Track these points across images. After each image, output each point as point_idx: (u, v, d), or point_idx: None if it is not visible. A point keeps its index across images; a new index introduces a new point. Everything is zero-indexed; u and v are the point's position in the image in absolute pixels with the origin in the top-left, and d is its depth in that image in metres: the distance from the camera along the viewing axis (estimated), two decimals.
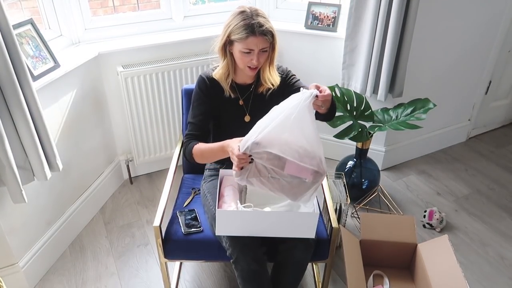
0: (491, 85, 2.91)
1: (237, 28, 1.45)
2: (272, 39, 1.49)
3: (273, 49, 1.54)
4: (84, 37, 2.25)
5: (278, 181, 1.33)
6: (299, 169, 1.30)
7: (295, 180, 1.33)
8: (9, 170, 1.49)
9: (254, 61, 1.49)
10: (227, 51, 1.53)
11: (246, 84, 1.64)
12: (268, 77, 1.60)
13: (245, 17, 1.45)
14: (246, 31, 1.43)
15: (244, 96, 1.64)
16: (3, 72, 1.41)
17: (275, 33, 1.50)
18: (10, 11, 1.96)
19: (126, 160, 2.53)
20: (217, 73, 1.59)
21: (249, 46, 1.46)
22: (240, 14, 1.46)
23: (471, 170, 2.73)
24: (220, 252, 1.53)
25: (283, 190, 1.35)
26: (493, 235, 2.19)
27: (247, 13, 1.46)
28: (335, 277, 1.93)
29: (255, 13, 1.46)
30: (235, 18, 1.47)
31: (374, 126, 2.18)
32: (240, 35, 1.44)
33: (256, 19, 1.44)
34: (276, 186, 1.35)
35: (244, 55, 1.49)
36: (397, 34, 2.12)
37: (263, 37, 1.45)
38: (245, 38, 1.44)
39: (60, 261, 2.03)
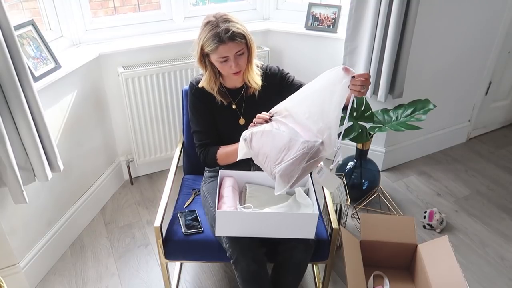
0: (491, 86, 2.91)
1: (207, 40, 1.44)
2: (244, 40, 1.46)
3: (249, 49, 1.51)
4: (84, 38, 2.26)
5: (279, 134, 1.30)
6: (310, 134, 1.28)
7: (290, 136, 1.28)
8: (10, 170, 1.49)
9: (233, 67, 1.48)
10: (206, 62, 1.53)
11: (236, 88, 1.64)
12: (253, 78, 1.59)
13: (212, 27, 1.43)
14: (214, 41, 1.42)
15: (236, 99, 1.64)
16: (5, 73, 1.41)
17: (247, 34, 1.48)
18: (11, 12, 1.96)
19: (127, 161, 2.53)
20: (203, 84, 1.59)
21: (222, 55, 1.45)
22: (207, 25, 1.45)
23: (471, 171, 2.74)
24: (220, 252, 1.53)
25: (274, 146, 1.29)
26: (493, 235, 2.19)
27: (213, 22, 1.44)
28: (335, 278, 1.93)
29: (220, 20, 1.44)
30: (203, 30, 1.46)
31: (374, 127, 2.18)
32: (210, 46, 1.43)
33: (222, 26, 1.42)
34: (269, 140, 1.31)
35: (223, 64, 1.48)
36: (397, 35, 2.12)
37: (233, 42, 1.43)
38: (216, 48, 1.43)
39: (60, 262, 2.04)
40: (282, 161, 1.27)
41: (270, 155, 1.31)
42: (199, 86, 1.61)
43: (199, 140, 1.66)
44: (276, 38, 2.59)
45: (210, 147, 1.64)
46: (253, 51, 1.52)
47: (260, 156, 1.35)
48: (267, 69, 1.66)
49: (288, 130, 1.31)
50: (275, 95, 1.60)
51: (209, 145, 1.65)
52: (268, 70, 1.66)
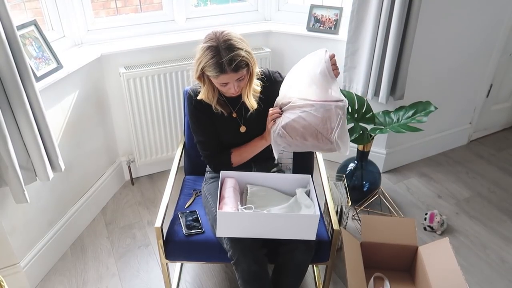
0: (492, 88, 2.91)
1: (208, 66, 1.40)
2: (247, 67, 1.43)
3: (251, 73, 1.48)
4: (86, 38, 2.26)
5: (309, 114, 1.41)
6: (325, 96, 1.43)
7: (322, 109, 1.41)
8: (11, 170, 1.49)
9: (232, 91, 1.47)
10: (205, 78, 1.50)
11: (235, 97, 1.60)
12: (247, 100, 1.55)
13: (214, 54, 1.37)
14: (216, 70, 1.39)
15: (236, 108, 1.64)
16: (7, 73, 1.41)
17: (250, 60, 1.43)
18: (13, 12, 1.97)
19: (128, 161, 2.54)
20: (202, 96, 1.56)
21: (222, 81, 1.44)
22: (209, 50, 1.39)
23: (472, 173, 2.73)
24: (221, 253, 1.54)
25: (316, 123, 1.41)
26: (493, 238, 2.19)
27: (215, 47, 1.38)
28: (336, 279, 1.93)
29: (223, 47, 1.37)
30: (205, 54, 1.40)
31: (375, 128, 2.18)
32: (211, 73, 1.41)
33: (226, 55, 1.36)
34: (308, 122, 1.41)
35: (222, 86, 1.48)
36: (399, 37, 2.12)
37: (234, 73, 1.40)
38: (217, 76, 1.41)
39: (61, 262, 2.04)
40: (333, 129, 1.42)
41: (321, 131, 1.42)
42: (198, 98, 1.57)
43: (205, 150, 1.66)
44: (277, 39, 2.59)
45: (219, 154, 1.65)
46: (254, 74, 1.50)
47: (309, 139, 1.43)
48: (269, 73, 1.65)
49: (311, 107, 1.42)
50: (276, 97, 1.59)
51: (217, 153, 1.65)
52: (271, 74, 1.64)
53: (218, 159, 1.66)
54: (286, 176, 1.62)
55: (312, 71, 1.44)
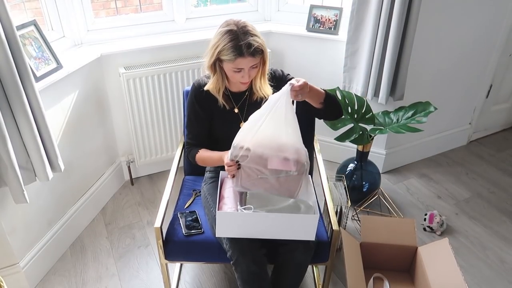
0: (492, 88, 2.91)
1: (226, 50, 1.42)
2: (261, 55, 1.47)
3: (264, 63, 1.52)
4: (86, 38, 2.26)
5: (267, 180, 1.37)
6: (279, 162, 1.35)
7: (282, 174, 1.36)
8: (11, 170, 1.49)
9: (245, 78, 1.49)
10: (217, 66, 1.52)
11: (240, 92, 1.64)
12: (260, 88, 1.59)
13: (233, 37, 1.41)
14: (234, 53, 1.41)
15: (238, 104, 1.64)
16: (6, 73, 1.41)
17: (266, 49, 1.48)
18: (13, 12, 1.97)
19: (127, 161, 2.53)
20: (209, 87, 1.59)
21: (238, 66, 1.45)
22: (227, 34, 1.42)
23: (471, 174, 2.73)
24: (220, 253, 1.54)
25: (276, 188, 1.39)
26: (493, 238, 2.19)
27: (234, 31, 1.41)
28: (335, 280, 1.93)
29: (242, 32, 1.42)
30: (223, 38, 1.43)
31: (375, 129, 2.19)
32: (228, 56, 1.43)
33: (245, 39, 1.40)
34: (268, 186, 1.38)
35: (235, 73, 1.49)
36: (398, 37, 2.12)
37: (252, 57, 1.43)
38: (234, 59, 1.43)
39: (60, 262, 2.04)
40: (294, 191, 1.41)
41: (282, 194, 1.42)
42: (204, 88, 1.60)
43: (189, 138, 1.70)
44: (277, 39, 2.59)
45: (194, 148, 1.67)
46: (267, 64, 1.53)
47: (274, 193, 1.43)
48: (272, 72, 1.65)
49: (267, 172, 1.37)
50: None
51: (194, 146, 1.67)
52: (273, 73, 1.65)
53: (189, 150, 1.68)
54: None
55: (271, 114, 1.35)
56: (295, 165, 1.35)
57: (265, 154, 1.34)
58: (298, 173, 1.37)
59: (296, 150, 1.35)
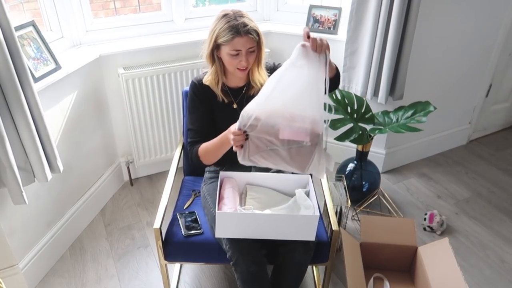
0: (491, 88, 2.91)
1: (223, 31, 1.46)
2: (258, 38, 1.49)
3: (260, 48, 1.54)
4: (85, 39, 2.26)
5: (278, 152, 1.31)
6: (293, 132, 1.27)
7: (294, 146, 1.29)
8: (9, 171, 1.49)
9: (243, 62, 1.49)
10: (215, 56, 1.54)
11: (238, 87, 1.64)
12: (258, 78, 1.60)
13: (229, 19, 1.46)
14: (231, 32, 1.44)
15: (237, 99, 1.64)
16: (5, 74, 1.41)
17: (261, 32, 1.51)
18: (12, 13, 1.96)
19: (127, 162, 2.53)
20: (207, 79, 1.59)
21: (236, 47, 1.46)
22: (224, 17, 1.47)
23: (471, 173, 2.73)
24: (220, 254, 1.53)
25: (286, 161, 1.32)
26: (493, 238, 2.18)
27: (231, 15, 1.47)
28: (336, 280, 1.93)
29: (238, 14, 1.47)
30: (219, 21, 1.48)
31: (374, 128, 2.18)
32: (226, 37, 1.45)
33: (240, 20, 1.45)
34: (278, 159, 1.32)
35: (233, 58, 1.49)
36: (398, 37, 2.12)
37: (248, 36, 1.45)
38: (231, 39, 1.45)
39: (60, 263, 2.03)
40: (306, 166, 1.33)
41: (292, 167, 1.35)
42: (203, 82, 1.61)
43: (191, 137, 1.66)
44: (276, 39, 2.59)
45: (196, 145, 1.62)
46: (263, 50, 1.55)
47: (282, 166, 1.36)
48: (272, 64, 1.67)
49: (278, 143, 1.30)
50: None
51: (197, 143, 1.63)
52: (274, 64, 1.67)
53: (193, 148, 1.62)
54: (286, 177, 1.62)
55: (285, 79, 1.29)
56: (309, 135, 1.27)
57: (277, 123, 1.26)
58: (311, 143, 1.27)
59: (312, 120, 1.26)
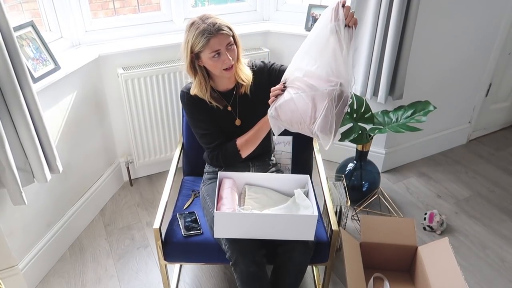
0: (491, 87, 2.90)
1: (196, 39, 1.45)
2: (231, 32, 1.49)
3: (236, 44, 1.53)
4: (84, 39, 2.25)
5: (300, 98, 1.33)
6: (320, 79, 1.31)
7: (312, 93, 1.30)
8: (9, 172, 1.49)
9: (226, 60, 1.47)
10: (196, 67, 1.53)
11: (229, 90, 1.63)
12: (241, 75, 1.58)
13: (198, 25, 1.45)
14: (204, 36, 1.43)
15: (230, 101, 1.63)
16: (4, 74, 1.41)
17: (232, 27, 1.50)
18: (11, 13, 1.96)
19: (126, 162, 2.53)
20: (193, 91, 1.57)
21: (214, 48, 1.45)
22: (192, 26, 1.47)
23: (471, 173, 2.73)
24: (219, 254, 1.53)
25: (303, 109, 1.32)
26: (493, 237, 2.18)
27: (197, 21, 1.46)
28: (335, 280, 1.93)
29: (204, 18, 1.47)
30: (189, 31, 1.48)
31: (374, 128, 2.18)
32: (201, 43, 1.44)
33: (208, 21, 1.45)
34: (296, 106, 1.34)
35: (215, 60, 1.47)
36: (397, 36, 2.12)
37: (221, 33, 1.44)
38: (207, 42, 1.43)
39: (59, 263, 2.03)
40: (316, 119, 1.32)
41: (304, 120, 1.34)
42: (190, 93, 1.59)
43: (210, 142, 1.62)
44: (276, 39, 2.59)
45: (225, 144, 1.62)
46: (239, 45, 1.54)
47: (295, 125, 1.38)
48: (253, 66, 1.64)
49: (305, 88, 1.33)
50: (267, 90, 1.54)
51: (223, 143, 1.63)
52: (254, 67, 1.63)
53: (225, 149, 1.62)
54: (285, 177, 1.62)
55: (319, 41, 1.35)
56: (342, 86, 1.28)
57: (316, 86, 1.30)
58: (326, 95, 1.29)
59: (348, 76, 1.29)
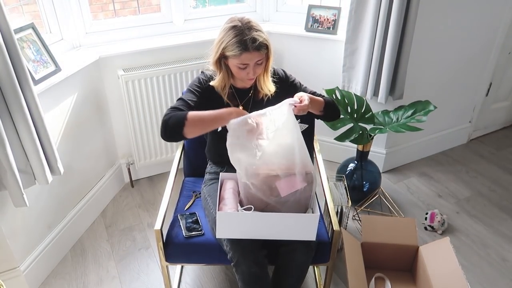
0: (491, 87, 2.91)
1: (231, 45, 1.43)
2: (266, 50, 1.48)
3: (268, 59, 1.53)
4: (85, 41, 2.26)
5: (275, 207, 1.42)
6: (291, 183, 1.39)
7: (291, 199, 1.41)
8: (10, 173, 1.49)
9: (251, 74, 1.49)
10: (222, 64, 1.53)
11: (245, 89, 1.64)
12: (263, 85, 1.60)
13: (238, 33, 1.42)
14: (239, 48, 1.41)
15: (243, 101, 1.64)
16: (5, 76, 1.41)
17: (270, 44, 1.48)
18: (11, 15, 1.96)
19: (127, 164, 2.53)
20: (215, 84, 1.58)
21: (244, 61, 1.45)
22: (232, 29, 1.43)
23: (472, 172, 2.73)
24: (221, 255, 1.53)
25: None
26: (494, 237, 2.18)
27: (239, 27, 1.43)
28: (337, 280, 1.93)
29: (246, 27, 1.43)
30: (228, 34, 1.44)
31: (374, 128, 2.18)
32: (234, 52, 1.43)
33: (249, 34, 1.41)
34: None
35: (240, 70, 1.48)
36: (397, 36, 2.12)
37: (257, 52, 1.43)
38: (239, 54, 1.43)
39: (61, 265, 2.03)
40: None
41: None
42: (210, 84, 1.59)
43: (178, 105, 1.50)
44: (276, 40, 2.59)
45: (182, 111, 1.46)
46: (271, 59, 1.54)
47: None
48: (274, 73, 1.65)
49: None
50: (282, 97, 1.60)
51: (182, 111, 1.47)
52: (275, 75, 1.65)
53: (177, 111, 1.45)
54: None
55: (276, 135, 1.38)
56: (305, 179, 1.40)
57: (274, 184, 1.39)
58: (307, 184, 1.40)
59: (302, 166, 1.39)
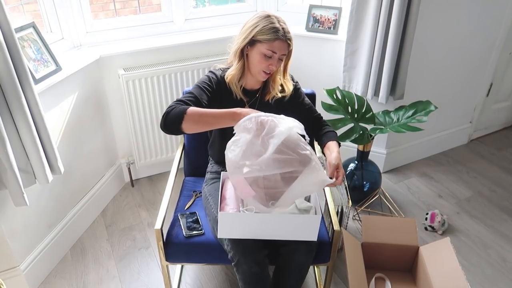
0: (492, 87, 2.90)
1: (266, 30, 1.47)
2: (291, 47, 1.53)
3: (289, 57, 1.57)
4: (85, 40, 2.26)
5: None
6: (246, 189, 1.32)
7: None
8: (10, 173, 1.49)
9: (273, 66, 1.51)
10: (244, 54, 1.54)
11: (253, 90, 1.64)
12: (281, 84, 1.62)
13: (272, 21, 1.48)
14: (275, 34, 1.46)
15: (250, 101, 1.64)
16: (5, 75, 1.41)
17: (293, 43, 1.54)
18: (12, 14, 1.96)
19: (127, 163, 2.53)
20: (229, 74, 1.58)
21: (274, 49, 1.48)
22: (267, 18, 1.49)
23: (472, 173, 2.73)
24: (221, 255, 1.53)
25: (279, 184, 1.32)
26: (495, 237, 2.18)
27: (273, 18, 1.49)
28: (337, 280, 1.93)
29: (281, 20, 1.51)
30: (262, 20, 1.49)
31: (375, 128, 2.18)
32: (268, 36, 1.46)
33: (284, 25, 1.49)
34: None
35: (264, 59, 1.50)
36: (398, 36, 2.12)
37: (287, 43, 1.49)
38: (273, 40, 1.46)
39: (61, 264, 2.03)
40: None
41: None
42: (226, 74, 1.59)
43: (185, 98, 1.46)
44: None
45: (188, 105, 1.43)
46: (290, 59, 1.59)
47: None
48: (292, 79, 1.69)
49: None
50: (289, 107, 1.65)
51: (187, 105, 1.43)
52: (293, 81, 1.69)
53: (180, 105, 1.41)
54: None
55: None
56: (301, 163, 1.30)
57: None
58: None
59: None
